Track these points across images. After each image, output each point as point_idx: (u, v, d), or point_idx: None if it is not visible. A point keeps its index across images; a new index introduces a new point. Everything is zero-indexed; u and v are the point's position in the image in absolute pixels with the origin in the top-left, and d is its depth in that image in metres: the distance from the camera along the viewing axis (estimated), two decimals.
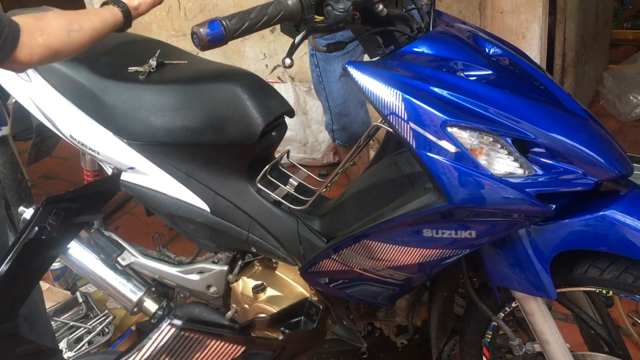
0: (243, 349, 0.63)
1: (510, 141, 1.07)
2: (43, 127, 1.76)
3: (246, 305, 1.60)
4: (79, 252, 1.81)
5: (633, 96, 3.14)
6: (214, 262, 1.71)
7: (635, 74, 3.20)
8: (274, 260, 1.61)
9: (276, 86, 3.18)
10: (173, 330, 0.59)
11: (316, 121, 3.18)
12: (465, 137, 1.07)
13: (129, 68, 1.60)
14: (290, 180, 1.55)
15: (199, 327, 0.60)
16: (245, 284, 1.61)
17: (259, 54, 3.33)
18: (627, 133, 3.09)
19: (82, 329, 2.13)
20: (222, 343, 0.61)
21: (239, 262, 1.66)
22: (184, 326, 0.60)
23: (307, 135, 3.21)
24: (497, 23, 2.53)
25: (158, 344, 0.58)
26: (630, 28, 4.36)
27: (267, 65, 3.33)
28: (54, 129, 1.70)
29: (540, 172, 1.08)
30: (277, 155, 1.59)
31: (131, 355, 0.58)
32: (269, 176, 1.51)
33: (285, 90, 3.14)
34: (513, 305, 1.33)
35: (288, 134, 3.13)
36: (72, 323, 2.16)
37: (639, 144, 2.95)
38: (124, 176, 1.66)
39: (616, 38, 4.03)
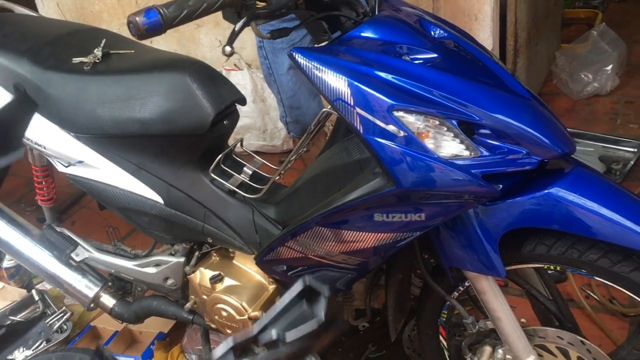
0: None
1: (455, 123, 1.08)
2: None
3: (204, 296, 1.59)
4: (30, 250, 1.77)
5: (584, 74, 3.20)
6: (170, 254, 1.69)
7: (587, 53, 3.26)
8: (231, 250, 1.60)
9: (233, 74, 3.15)
10: None
11: (275, 108, 3.15)
12: (412, 120, 1.07)
13: (74, 59, 1.55)
14: (245, 168, 1.54)
15: None
16: (202, 275, 1.59)
17: (214, 41, 3.28)
18: (579, 111, 3.15)
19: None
20: None
21: (196, 253, 1.64)
22: None
23: (266, 122, 3.19)
24: (450, 5, 2.54)
25: None
26: (582, 7, 4.44)
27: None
28: None
29: (486, 153, 1.09)
30: (230, 144, 1.58)
31: None
32: (222, 165, 1.49)
33: (243, 78, 3.10)
34: (466, 284, 1.36)
35: (247, 121, 3.14)
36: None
37: (591, 121, 3.02)
38: (74, 170, 1.62)
39: (568, 17, 4.10)
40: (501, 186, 1.11)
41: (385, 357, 1.92)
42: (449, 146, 1.08)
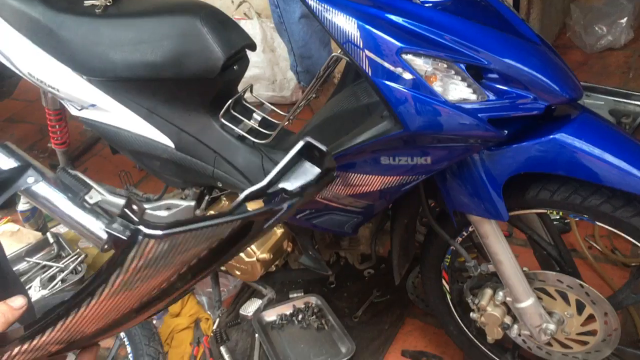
0: (239, 223, 0.60)
1: (464, 67, 1.09)
2: (1, 67, 1.72)
3: None
4: (46, 192, 1.81)
5: (598, 27, 3.15)
6: (181, 199, 1.72)
7: (601, 5, 3.20)
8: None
9: (242, 23, 3.13)
10: (153, 242, 0.54)
11: (284, 58, 3.14)
12: (420, 64, 1.08)
13: (85, 2, 1.56)
14: (254, 114, 1.55)
15: (182, 229, 0.55)
16: None
17: None
18: (592, 64, 3.12)
19: (54, 268, 2.16)
20: (216, 228, 0.57)
21: (206, 197, 1.68)
22: (164, 235, 0.55)
23: (275, 72, 3.18)
24: None
25: (139, 262, 0.56)
26: None
27: (232, 1, 3.26)
28: (11, 67, 1.67)
29: (493, 97, 1.10)
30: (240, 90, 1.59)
31: (114, 273, 0.55)
32: (232, 111, 1.51)
33: (252, 27, 3.08)
34: (469, 229, 1.39)
35: (256, 71, 3.13)
36: (44, 263, 2.18)
37: (603, 75, 2.99)
38: (86, 114, 1.64)
39: None
40: (507, 131, 1.12)
41: (389, 302, 1.97)
42: (457, 90, 1.09)
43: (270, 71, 3.16)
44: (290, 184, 0.62)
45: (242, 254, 1.58)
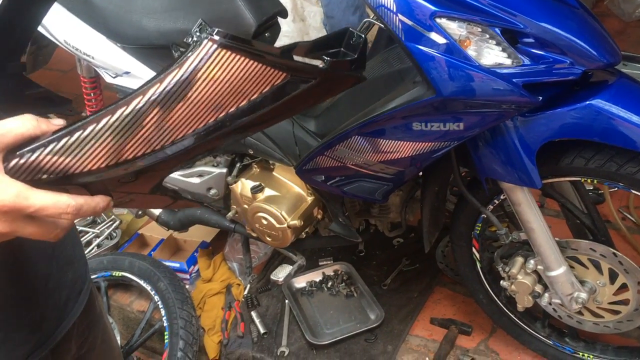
0: (284, 75, 0.63)
1: (499, 32, 1.07)
2: (38, 35, 1.75)
3: (245, 206, 1.66)
4: None
5: None
6: (213, 166, 1.75)
7: None
8: (271, 162, 1.65)
9: None
10: (213, 47, 0.56)
11: (314, 28, 3.12)
12: (454, 28, 1.07)
13: None
14: None
15: (242, 46, 0.59)
16: (244, 185, 1.65)
17: None
18: (630, 33, 3.03)
19: (90, 233, 2.22)
20: (264, 67, 0.61)
21: (238, 165, 1.70)
22: (226, 43, 0.57)
23: None
24: None
25: (195, 63, 0.58)
26: None
27: None
28: (47, 35, 1.69)
29: (528, 62, 1.08)
30: None
31: (170, 72, 0.58)
32: None
33: None
34: (501, 197, 1.38)
35: (286, 41, 3.11)
36: (80, 228, 2.24)
37: None
38: (121, 81, 1.67)
39: None
40: (541, 97, 1.11)
41: (419, 271, 1.98)
42: (491, 54, 1.08)
43: (301, 41, 3.15)
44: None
45: (273, 220, 1.59)
